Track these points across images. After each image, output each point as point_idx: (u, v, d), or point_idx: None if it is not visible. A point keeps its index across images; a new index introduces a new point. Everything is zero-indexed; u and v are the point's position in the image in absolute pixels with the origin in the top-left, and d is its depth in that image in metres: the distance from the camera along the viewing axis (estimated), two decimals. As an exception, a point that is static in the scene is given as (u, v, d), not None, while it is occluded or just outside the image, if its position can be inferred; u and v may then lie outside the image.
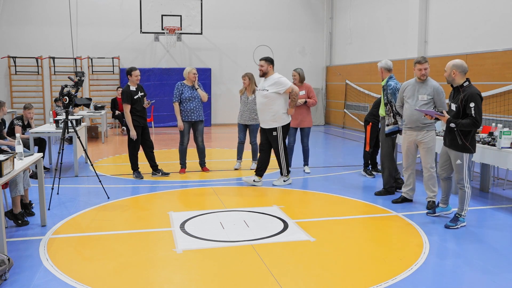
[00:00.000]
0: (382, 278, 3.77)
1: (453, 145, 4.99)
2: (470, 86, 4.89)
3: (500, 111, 8.75)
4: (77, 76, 6.33)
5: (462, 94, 4.85)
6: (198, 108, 7.65)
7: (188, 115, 7.61)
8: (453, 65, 4.91)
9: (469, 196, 5.07)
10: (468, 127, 4.80)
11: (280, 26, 16.46)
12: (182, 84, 7.63)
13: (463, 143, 4.92)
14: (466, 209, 5.10)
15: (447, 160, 5.19)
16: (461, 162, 4.97)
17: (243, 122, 7.97)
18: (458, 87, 4.94)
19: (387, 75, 6.36)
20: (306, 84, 7.91)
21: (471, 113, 4.76)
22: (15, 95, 14.50)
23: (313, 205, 6.20)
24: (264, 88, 6.77)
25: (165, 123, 15.36)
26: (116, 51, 15.08)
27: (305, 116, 7.83)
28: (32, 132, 7.60)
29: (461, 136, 4.91)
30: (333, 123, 16.59)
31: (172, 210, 5.71)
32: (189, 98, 7.56)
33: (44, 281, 3.74)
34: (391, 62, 6.49)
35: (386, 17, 13.22)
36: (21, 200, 5.26)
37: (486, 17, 9.53)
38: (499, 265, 4.09)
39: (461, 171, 5.00)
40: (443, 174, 5.29)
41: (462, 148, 4.93)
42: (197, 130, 7.77)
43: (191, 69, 7.68)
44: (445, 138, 5.14)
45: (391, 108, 6.20)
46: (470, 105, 4.76)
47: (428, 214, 5.48)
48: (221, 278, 3.82)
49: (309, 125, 7.92)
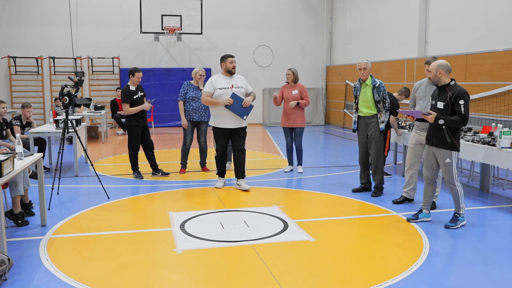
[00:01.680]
0: (382, 278, 3.77)
1: (442, 144, 4.97)
2: (456, 84, 4.95)
3: (500, 111, 8.75)
4: (77, 76, 6.33)
5: (450, 92, 4.89)
6: (201, 109, 7.68)
7: (190, 114, 7.66)
8: (438, 65, 4.94)
9: (462, 193, 5.06)
10: (456, 124, 4.83)
11: (280, 26, 16.46)
12: (188, 84, 7.74)
13: (452, 141, 4.93)
14: (463, 207, 5.09)
15: (434, 160, 5.15)
16: (451, 160, 4.96)
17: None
18: (445, 86, 4.96)
19: (368, 76, 6.39)
20: (300, 84, 7.92)
21: (460, 110, 4.79)
22: (15, 95, 14.50)
23: (313, 205, 6.19)
24: (238, 86, 6.67)
25: (165, 123, 15.37)
26: (116, 51, 15.08)
27: (298, 116, 7.80)
28: (32, 132, 7.60)
29: (450, 134, 4.92)
30: (333, 123, 16.58)
31: (172, 210, 5.71)
32: (192, 98, 7.62)
33: (44, 281, 3.74)
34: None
35: (386, 17, 13.22)
36: (21, 200, 5.26)
37: (486, 17, 9.53)
38: (499, 265, 4.09)
39: (450, 170, 4.99)
40: (429, 177, 5.23)
41: (451, 147, 4.94)
42: (200, 130, 7.81)
43: (198, 69, 7.80)
44: (429, 138, 5.11)
45: (384, 105, 6.30)
46: (460, 102, 4.80)
47: (410, 221, 5.26)
48: (221, 278, 3.82)
49: (301, 125, 7.88)
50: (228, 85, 6.60)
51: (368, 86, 6.34)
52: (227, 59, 6.65)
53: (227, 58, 6.66)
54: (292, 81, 7.84)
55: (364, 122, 6.42)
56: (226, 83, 6.61)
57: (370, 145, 6.41)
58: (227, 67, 6.65)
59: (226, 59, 6.66)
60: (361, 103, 6.42)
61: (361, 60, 6.40)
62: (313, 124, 16.57)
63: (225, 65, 6.66)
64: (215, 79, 6.69)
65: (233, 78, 6.70)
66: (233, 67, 6.66)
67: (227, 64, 6.65)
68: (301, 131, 7.93)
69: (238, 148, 6.74)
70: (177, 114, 15.11)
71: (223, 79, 6.67)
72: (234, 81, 6.67)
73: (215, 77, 6.75)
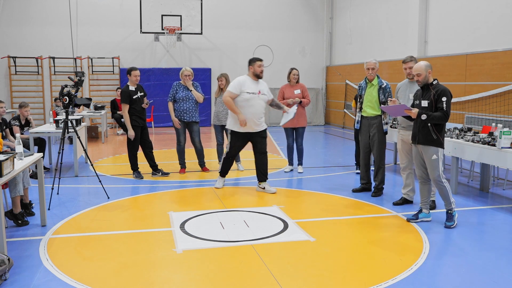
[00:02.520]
0: (382, 278, 3.77)
1: (428, 141, 5.00)
2: (439, 83, 5.03)
3: (500, 111, 8.75)
4: (77, 76, 6.33)
5: (433, 90, 4.96)
6: (191, 109, 7.62)
7: (180, 115, 7.63)
8: (426, 65, 5.01)
9: (449, 189, 5.08)
10: (438, 119, 4.89)
11: (280, 26, 16.46)
12: (177, 84, 7.67)
13: (438, 137, 4.97)
14: (453, 201, 5.11)
15: (422, 158, 5.16)
16: (437, 157, 4.99)
17: (220, 123, 7.80)
18: (428, 85, 5.03)
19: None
20: (301, 83, 7.98)
21: (443, 106, 4.88)
22: (15, 95, 14.50)
23: (313, 205, 6.19)
24: (264, 93, 6.51)
25: (165, 123, 15.35)
26: (116, 51, 15.08)
27: (300, 115, 7.78)
28: (32, 132, 7.60)
29: (436, 131, 4.96)
30: (333, 123, 16.59)
31: (172, 210, 5.70)
32: (182, 98, 7.57)
33: (44, 281, 3.74)
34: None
35: (386, 17, 13.22)
36: (21, 200, 5.26)
37: (486, 17, 9.53)
38: (499, 265, 4.09)
39: (437, 166, 5.01)
40: (422, 175, 5.23)
41: (437, 143, 4.99)
42: (192, 131, 7.75)
43: (183, 69, 7.65)
44: (415, 136, 5.13)
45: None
46: (442, 99, 4.88)
47: (410, 221, 5.26)
48: (221, 278, 3.82)
49: (303, 125, 7.92)
50: (255, 90, 6.34)
51: (374, 86, 6.34)
52: (256, 62, 6.35)
53: (255, 62, 6.35)
54: (297, 81, 7.91)
55: (367, 122, 6.42)
56: (254, 88, 6.34)
57: (373, 146, 6.41)
58: (255, 71, 6.35)
59: (255, 63, 6.35)
60: (365, 103, 6.42)
61: (369, 59, 6.40)
62: (313, 124, 16.58)
63: (253, 69, 6.36)
64: (243, 81, 6.34)
65: (259, 83, 6.45)
66: (261, 71, 6.38)
67: (255, 68, 6.35)
68: (303, 131, 7.97)
69: (261, 150, 6.52)
70: (177, 114, 15.15)
71: (251, 83, 6.36)
72: (261, 86, 6.44)
73: (244, 78, 6.40)
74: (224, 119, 7.69)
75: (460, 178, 7.48)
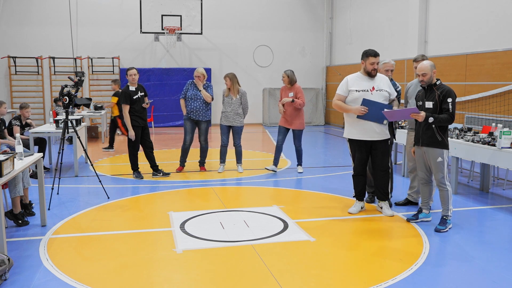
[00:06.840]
0: (382, 278, 3.77)
1: (433, 143, 4.96)
2: (442, 84, 4.99)
3: (500, 111, 8.75)
4: (77, 76, 6.34)
5: (438, 91, 4.92)
6: (200, 108, 7.68)
7: (189, 113, 7.71)
8: (431, 65, 4.96)
9: (451, 194, 5.05)
10: (445, 122, 4.86)
11: (280, 26, 16.46)
12: (190, 83, 7.83)
13: (443, 139, 4.94)
14: (451, 208, 5.06)
15: (426, 160, 5.12)
16: (442, 159, 4.96)
17: (228, 123, 7.80)
18: (432, 85, 4.99)
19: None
20: (296, 85, 7.81)
21: (448, 108, 4.83)
22: (15, 95, 14.50)
23: (313, 205, 6.19)
24: (380, 88, 5.52)
25: (165, 123, 15.37)
26: (116, 51, 15.07)
27: (294, 117, 7.74)
28: (32, 132, 7.60)
29: (440, 133, 4.93)
30: (333, 123, 16.59)
31: (172, 210, 5.70)
32: (191, 97, 7.68)
33: (44, 281, 3.74)
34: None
35: (386, 17, 13.22)
36: (21, 200, 5.26)
37: (486, 17, 9.53)
38: (499, 265, 4.09)
39: (442, 169, 4.97)
40: (424, 177, 5.22)
41: (442, 145, 4.95)
42: (199, 129, 7.85)
43: (197, 69, 7.84)
44: (419, 138, 5.09)
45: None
46: (448, 100, 4.84)
47: (410, 221, 5.25)
48: (221, 278, 3.82)
49: (299, 127, 7.80)
50: (368, 87, 5.32)
51: None
52: (368, 58, 5.31)
53: (368, 57, 5.32)
54: (288, 83, 7.80)
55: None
56: (366, 85, 5.33)
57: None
58: (366, 68, 5.35)
59: (367, 58, 5.32)
60: None
61: (387, 60, 5.94)
62: (313, 124, 16.58)
63: (365, 65, 5.36)
64: (350, 79, 5.43)
65: (375, 79, 5.41)
66: (373, 69, 5.32)
67: (366, 65, 5.34)
68: (299, 133, 7.87)
69: (381, 168, 5.49)
70: (177, 114, 15.19)
71: (361, 79, 5.39)
72: (376, 82, 5.38)
73: (352, 76, 5.46)
74: (232, 120, 7.75)
75: (460, 178, 7.48)
